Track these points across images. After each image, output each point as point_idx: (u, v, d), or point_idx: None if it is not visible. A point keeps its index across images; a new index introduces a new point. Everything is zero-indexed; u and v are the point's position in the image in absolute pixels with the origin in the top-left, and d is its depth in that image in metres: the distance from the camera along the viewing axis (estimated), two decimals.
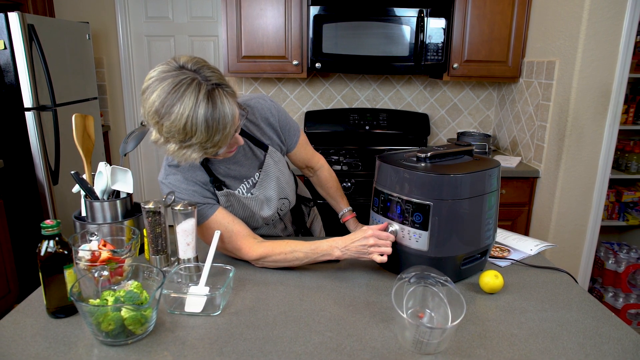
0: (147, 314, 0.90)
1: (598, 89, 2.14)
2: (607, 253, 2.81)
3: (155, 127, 0.98)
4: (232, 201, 1.25)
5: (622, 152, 2.79)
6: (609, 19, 2.05)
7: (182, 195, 1.18)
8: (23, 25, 2.43)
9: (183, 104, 0.93)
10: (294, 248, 1.17)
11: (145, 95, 0.97)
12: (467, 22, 2.51)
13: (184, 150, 0.99)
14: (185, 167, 1.18)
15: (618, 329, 0.98)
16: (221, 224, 1.20)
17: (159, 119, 0.96)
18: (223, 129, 0.97)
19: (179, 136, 0.96)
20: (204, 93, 0.95)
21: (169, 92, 0.94)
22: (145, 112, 0.98)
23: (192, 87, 0.94)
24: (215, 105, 0.96)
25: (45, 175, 2.63)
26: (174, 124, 0.94)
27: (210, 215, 1.20)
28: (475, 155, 1.25)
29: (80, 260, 1.07)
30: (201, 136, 0.96)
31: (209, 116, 0.95)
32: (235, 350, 0.89)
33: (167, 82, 0.95)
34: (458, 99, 3.01)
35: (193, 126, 0.94)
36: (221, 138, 0.99)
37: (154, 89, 0.96)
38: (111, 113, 3.72)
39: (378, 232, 1.12)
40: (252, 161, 1.28)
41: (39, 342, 0.91)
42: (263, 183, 1.29)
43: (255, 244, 1.20)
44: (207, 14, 3.59)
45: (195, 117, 0.94)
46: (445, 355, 0.88)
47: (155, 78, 0.97)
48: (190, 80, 0.95)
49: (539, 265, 1.28)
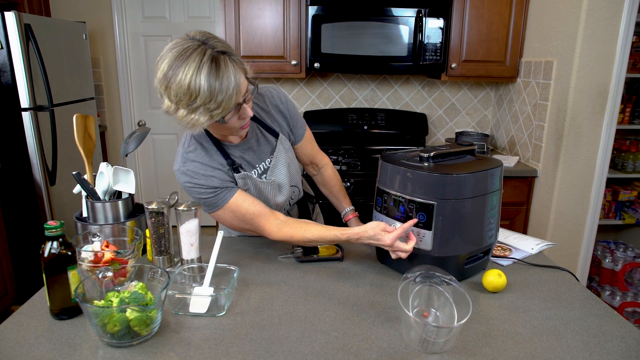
0: (152, 315, 0.90)
1: (595, 89, 2.15)
2: (604, 252, 2.83)
3: (165, 93, 1.01)
4: (249, 184, 1.26)
5: (619, 152, 2.81)
6: (606, 19, 2.07)
7: (200, 181, 1.18)
8: (20, 25, 2.41)
9: (188, 65, 0.97)
10: (311, 238, 1.18)
11: (157, 65, 1.01)
12: (465, 22, 2.52)
13: (192, 114, 1.00)
14: (202, 154, 1.20)
15: (621, 327, 0.98)
16: (242, 206, 1.20)
17: (167, 84, 0.99)
18: (226, 89, 0.99)
19: (185, 99, 0.98)
20: (209, 56, 0.98)
21: (176, 57, 0.98)
22: (157, 80, 1.02)
23: (198, 52, 0.98)
24: (218, 67, 0.98)
25: (43, 176, 2.61)
26: (179, 85, 0.97)
27: (230, 198, 1.20)
28: (477, 155, 1.26)
29: (83, 261, 1.06)
30: (204, 96, 0.97)
31: (212, 75, 0.97)
32: (241, 350, 0.89)
33: (175, 50, 0.99)
34: (456, 99, 3.02)
35: (196, 85, 0.97)
36: (225, 99, 0.99)
37: (164, 57, 1.00)
38: (108, 113, 3.70)
39: (403, 247, 1.10)
40: (264, 147, 1.31)
41: (43, 343, 0.90)
42: (274, 169, 1.32)
43: (277, 226, 1.21)
44: (204, 14, 3.58)
45: (198, 76, 0.96)
46: (451, 354, 0.89)
47: (167, 49, 1.01)
48: (196, 46, 0.99)
49: (540, 264, 1.29)
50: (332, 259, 1.30)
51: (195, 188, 1.18)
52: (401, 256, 1.12)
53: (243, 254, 1.33)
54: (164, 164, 3.89)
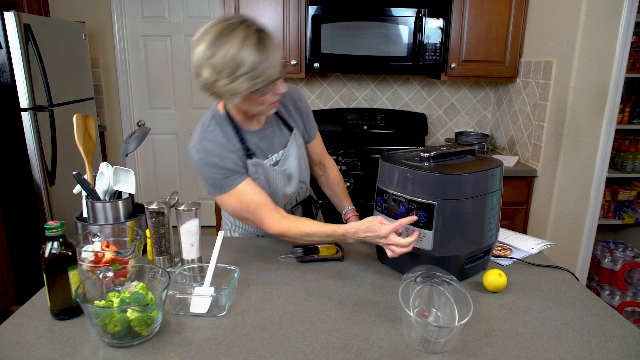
0: (153, 315, 0.90)
1: (595, 89, 2.15)
2: (604, 251, 2.84)
3: (206, 65, 1.05)
4: (260, 173, 1.28)
5: (618, 151, 2.82)
6: (605, 19, 2.07)
7: (214, 160, 1.19)
8: (19, 25, 2.40)
9: (234, 38, 1.03)
10: (308, 232, 1.18)
11: (197, 42, 1.07)
12: (464, 22, 2.52)
13: (234, 83, 1.05)
14: (220, 135, 1.22)
15: (621, 327, 0.99)
16: (248, 194, 1.22)
17: (210, 56, 1.04)
18: (270, 60, 1.06)
19: (228, 68, 1.04)
20: (253, 30, 1.06)
21: (221, 31, 1.04)
22: (195, 58, 1.07)
23: (242, 27, 1.05)
24: (262, 40, 1.06)
25: (42, 176, 2.61)
26: (224, 55, 1.03)
27: (238, 184, 1.21)
28: (477, 155, 1.26)
29: (83, 261, 1.06)
30: (249, 65, 1.04)
31: (257, 47, 1.04)
32: (242, 350, 0.89)
33: (218, 26, 1.05)
34: (455, 99, 3.02)
35: (242, 55, 1.03)
36: (267, 69, 1.06)
37: (207, 33, 1.06)
38: (107, 113, 3.70)
39: (399, 240, 1.09)
40: (279, 138, 1.35)
41: (44, 344, 0.90)
42: (286, 160, 1.35)
43: (277, 220, 1.21)
44: (203, 14, 3.58)
45: (244, 47, 1.03)
46: (452, 354, 0.89)
47: (206, 29, 1.07)
48: (239, 23, 1.06)
49: (541, 264, 1.29)
50: (332, 259, 1.30)
51: (208, 167, 1.20)
52: (396, 252, 1.10)
53: (243, 254, 1.33)
54: (163, 164, 3.89)
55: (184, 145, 3.86)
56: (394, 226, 1.09)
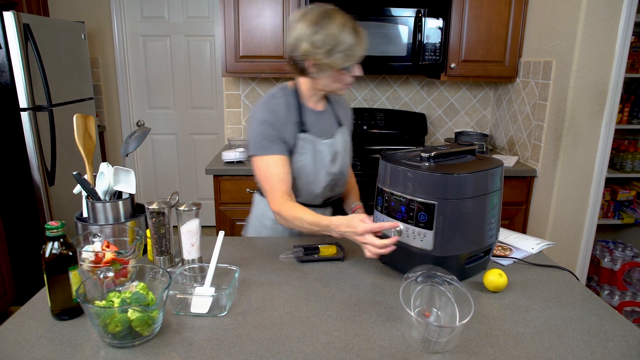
0: (154, 315, 0.90)
1: (595, 89, 2.16)
2: (603, 251, 2.84)
3: (305, 41, 1.24)
4: (307, 149, 1.38)
5: (617, 151, 2.82)
6: (605, 19, 2.07)
7: (272, 120, 1.32)
8: (18, 25, 2.40)
9: (337, 21, 1.24)
10: (301, 217, 1.24)
11: (297, 22, 1.26)
12: (464, 22, 2.53)
13: (330, 57, 1.25)
14: (284, 105, 1.36)
15: (622, 326, 0.99)
16: (277, 167, 1.32)
17: (312, 33, 1.23)
18: (362, 44, 1.27)
19: (329, 45, 1.23)
20: (349, 18, 1.27)
21: (322, 14, 1.24)
22: (296, 33, 1.26)
23: (341, 13, 1.26)
24: (357, 27, 1.27)
25: (42, 176, 2.60)
26: (327, 34, 1.22)
27: (277, 154, 1.32)
28: (477, 155, 1.26)
29: (84, 261, 1.06)
30: (346, 45, 1.23)
31: (354, 31, 1.25)
32: (243, 350, 0.89)
33: (316, 11, 1.25)
34: (455, 99, 3.02)
35: (343, 35, 1.23)
36: (360, 50, 1.27)
37: (307, 14, 1.25)
38: (107, 113, 3.70)
39: (373, 240, 1.10)
40: (330, 127, 1.46)
41: (45, 344, 0.90)
42: (334, 142, 1.46)
43: (282, 199, 1.30)
44: (203, 14, 3.58)
45: (344, 30, 1.23)
46: (452, 354, 0.89)
47: (304, 12, 1.27)
48: (335, 10, 1.27)
49: (541, 264, 1.29)
50: (333, 259, 1.30)
51: (264, 125, 1.32)
52: (371, 251, 1.11)
53: (244, 254, 1.33)
54: (162, 164, 3.89)
55: (184, 145, 3.86)
56: (372, 227, 1.11)
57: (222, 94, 3.69)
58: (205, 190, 3.94)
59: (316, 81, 1.34)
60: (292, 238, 1.47)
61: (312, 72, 1.30)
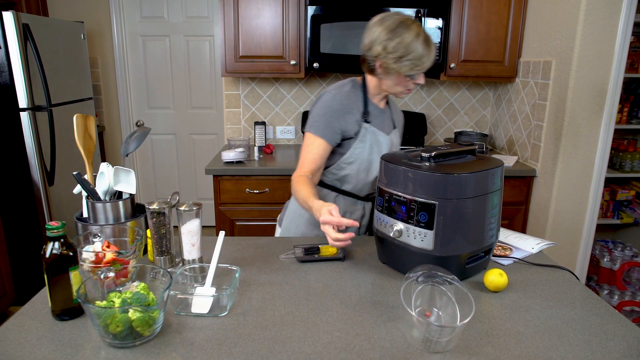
0: (155, 315, 0.90)
1: (594, 89, 2.16)
2: (602, 251, 2.84)
3: (379, 44, 1.33)
4: (368, 138, 1.46)
5: (617, 151, 2.82)
6: (604, 20, 2.07)
7: (337, 106, 1.41)
8: (18, 25, 2.40)
9: (412, 31, 1.31)
10: (300, 190, 1.34)
11: (373, 26, 1.35)
12: (464, 22, 2.53)
13: (399, 63, 1.33)
14: (352, 95, 1.45)
15: (622, 326, 0.99)
16: (316, 150, 1.41)
17: (387, 38, 1.31)
18: (431, 56, 1.34)
19: (400, 52, 1.31)
20: (423, 30, 1.34)
21: (401, 22, 1.32)
22: (373, 35, 1.34)
23: (417, 24, 1.33)
24: (429, 40, 1.34)
25: (41, 176, 2.60)
26: (400, 42, 1.31)
27: (324, 139, 1.41)
28: (478, 155, 1.26)
29: (84, 261, 1.06)
30: (416, 55, 1.31)
31: (425, 44, 1.33)
32: (244, 350, 0.89)
33: (395, 18, 1.33)
34: (454, 99, 3.03)
35: (415, 45, 1.31)
36: (427, 61, 1.34)
37: (386, 19, 1.33)
38: (106, 113, 3.70)
39: (329, 231, 1.15)
40: (388, 125, 1.54)
41: (45, 344, 0.90)
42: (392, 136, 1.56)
43: (301, 172, 1.41)
44: (202, 14, 3.58)
45: (416, 41, 1.31)
46: (453, 354, 0.89)
47: (382, 17, 1.35)
48: (413, 21, 1.34)
49: (541, 264, 1.29)
50: (333, 258, 1.30)
51: (326, 109, 1.41)
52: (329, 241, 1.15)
53: (244, 254, 1.33)
54: (162, 165, 3.89)
55: (183, 146, 3.86)
56: (331, 220, 1.14)
57: (221, 94, 3.69)
58: (205, 191, 3.94)
59: (382, 82, 1.43)
60: (292, 238, 1.47)
61: (379, 73, 1.39)
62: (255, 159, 2.59)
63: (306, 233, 1.57)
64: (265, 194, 2.46)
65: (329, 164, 1.50)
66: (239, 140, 2.63)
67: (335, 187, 1.53)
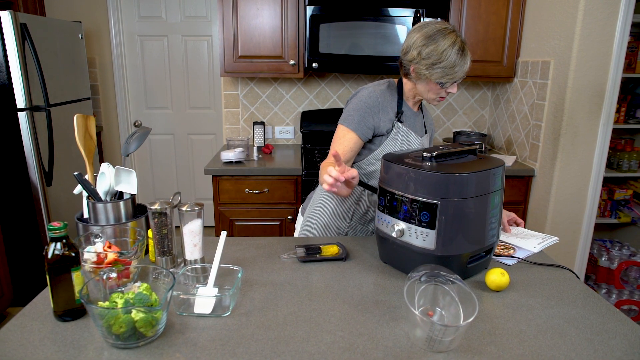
0: (158, 316, 0.90)
1: (592, 89, 2.17)
2: (600, 250, 2.86)
3: (416, 49, 1.36)
4: (399, 137, 1.48)
5: (614, 151, 2.84)
6: (603, 20, 2.08)
7: (373, 103, 1.44)
8: (15, 25, 2.39)
9: (449, 40, 1.33)
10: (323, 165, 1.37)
11: (413, 31, 1.39)
12: (462, 22, 2.54)
13: (431, 70, 1.35)
14: (388, 95, 1.48)
15: (623, 325, 0.99)
16: (347, 142, 1.43)
17: (424, 44, 1.34)
18: (465, 65, 1.36)
19: (433, 59, 1.33)
20: (460, 40, 1.35)
21: (439, 30, 1.34)
22: (411, 40, 1.38)
23: (454, 34, 1.35)
24: (464, 50, 1.35)
25: (39, 177, 2.59)
26: (435, 49, 1.33)
27: (355, 132, 1.43)
28: (479, 155, 1.26)
29: (86, 262, 1.06)
30: (448, 64, 1.33)
31: (459, 53, 1.34)
32: (247, 351, 0.89)
33: (434, 26, 1.35)
34: (453, 99, 3.03)
35: (448, 53, 1.32)
36: (460, 70, 1.36)
37: (425, 27, 1.36)
38: (104, 113, 3.68)
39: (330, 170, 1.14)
40: (419, 129, 1.57)
41: (48, 345, 0.90)
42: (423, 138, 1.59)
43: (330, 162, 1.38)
44: (200, 14, 3.57)
45: (451, 49, 1.33)
46: (456, 353, 0.89)
47: (423, 23, 1.38)
48: (452, 30, 1.36)
49: (542, 263, 1.29)
50: (334, 258, 1.30)
51: (362, 104, 1.43)
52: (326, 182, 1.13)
53: (246, 254, 1.33)
54: (160, 165, 3.88)
55: (181, 146, 3.85)
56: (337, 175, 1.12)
57: (220, 94, 3.68)
58: (204, 191, 3.93)
59: (415, 86, 1.46)
60: (293, 238, 1.47)
61: (412, 77, 1.42)
62: (255, 159, 2.58)
63: (328, 224, 1.57)
64: (265, 194, 2.46)
65: (359, 159, 1.51)
66: (238, 140, 2.63)
67: (363, 182, 1.54)
